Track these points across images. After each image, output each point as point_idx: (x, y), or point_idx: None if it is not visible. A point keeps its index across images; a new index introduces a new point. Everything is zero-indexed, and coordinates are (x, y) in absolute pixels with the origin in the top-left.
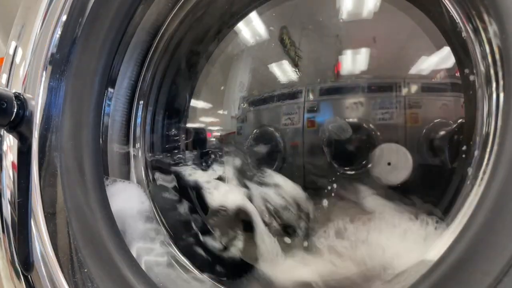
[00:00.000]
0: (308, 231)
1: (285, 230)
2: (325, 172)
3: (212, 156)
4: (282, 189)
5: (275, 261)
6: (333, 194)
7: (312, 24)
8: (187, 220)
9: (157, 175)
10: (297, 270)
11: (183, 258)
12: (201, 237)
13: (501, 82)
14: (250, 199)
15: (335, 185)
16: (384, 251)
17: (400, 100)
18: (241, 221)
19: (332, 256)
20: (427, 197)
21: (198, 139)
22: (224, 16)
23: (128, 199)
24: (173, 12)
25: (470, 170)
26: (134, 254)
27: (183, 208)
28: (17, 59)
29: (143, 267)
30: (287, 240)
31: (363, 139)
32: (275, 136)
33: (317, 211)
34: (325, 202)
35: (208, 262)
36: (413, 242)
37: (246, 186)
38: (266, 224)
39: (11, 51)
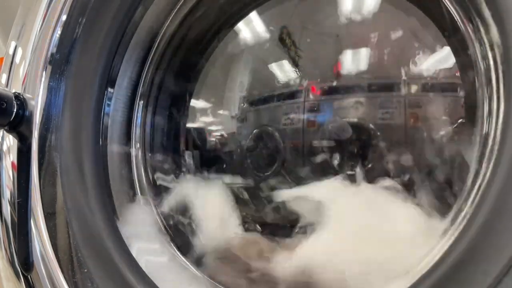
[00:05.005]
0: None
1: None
2: (325, 172)
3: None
4: None
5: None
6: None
7: (312, 24)
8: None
9: (157, 175)
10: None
11: (182, 258)
12: (201, 237)
13: (501, 82)
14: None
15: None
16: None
17: (400, 100)
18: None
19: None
20: (427, 197)
21: (198, 139)
22: (224, 16)
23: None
24: (173, 12)
25: (470, 170)
26: (134, 254)
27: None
28: (17, 59)
29: (143, 267)
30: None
31: (363, 139)
32: (275, 136)
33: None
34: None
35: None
36: (413, 242)
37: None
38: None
39: (11, 51)
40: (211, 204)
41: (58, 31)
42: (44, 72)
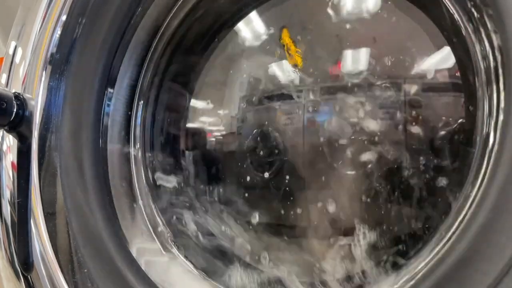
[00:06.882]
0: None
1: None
2: (325, 172)
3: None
4: None
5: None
6: (333, 194)
7: (312, 24)
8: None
9: (157, 175)
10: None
11: (183, 258)
12: (201, 237)
13: (501, 82)
14: None
15: (335, 185)
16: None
17: (400, 100)
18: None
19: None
20: (427, 197)
21: (198, 138)
22: (224, 16)
23: None
24: (173, 12)
25: (470, 170)
26: (134, 254)
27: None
28: (17, 59)
29: (143, 267)
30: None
31: (363, 139)
32: (275, 137)
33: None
34: (324, 202)
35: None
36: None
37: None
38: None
39: (11, 51)
40: None
41: (58, 31)
42: (44, 72)
